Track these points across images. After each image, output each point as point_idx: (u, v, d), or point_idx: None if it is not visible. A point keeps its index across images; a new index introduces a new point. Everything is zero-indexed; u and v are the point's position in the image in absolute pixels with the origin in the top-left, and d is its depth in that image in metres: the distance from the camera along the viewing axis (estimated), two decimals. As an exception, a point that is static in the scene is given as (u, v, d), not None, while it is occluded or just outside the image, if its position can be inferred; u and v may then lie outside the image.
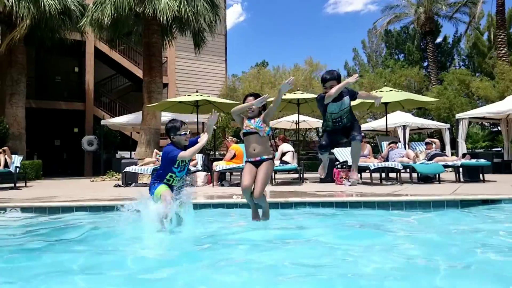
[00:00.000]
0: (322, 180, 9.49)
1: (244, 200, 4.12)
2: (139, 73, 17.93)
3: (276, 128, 18.76)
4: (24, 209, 5.57)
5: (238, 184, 8.60)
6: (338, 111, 4.24)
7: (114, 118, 16.94)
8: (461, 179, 8.90)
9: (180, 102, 11.25)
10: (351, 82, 4.15)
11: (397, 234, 3.62)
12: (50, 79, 19.04)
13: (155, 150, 10.72)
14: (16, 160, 10.28)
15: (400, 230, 3.84)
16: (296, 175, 10.31)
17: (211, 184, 9.09)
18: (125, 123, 15.50)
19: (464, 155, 9.66)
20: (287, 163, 9.54)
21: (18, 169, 10.10)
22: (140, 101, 14.01)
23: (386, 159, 9.20)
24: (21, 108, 14.32)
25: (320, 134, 23.34)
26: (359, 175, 9.41)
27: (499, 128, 15.96)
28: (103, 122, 16.22)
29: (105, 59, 19.17)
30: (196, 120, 11.87)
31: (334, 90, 4.08)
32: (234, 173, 10.09)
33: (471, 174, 8.91)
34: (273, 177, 9.35)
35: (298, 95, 10.61)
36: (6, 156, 9.79)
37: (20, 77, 14.29)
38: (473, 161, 8.90)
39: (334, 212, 4.83)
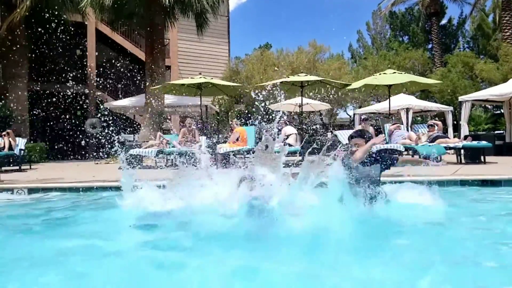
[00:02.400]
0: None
1: None
2: (141, 55, 17.86)
3: (278, 111, 18.74)
4: (31, 190, 5.70)
5: (241, 167, 8.68)
6: (360, 177, 3.62)
7: (117, 101, 16.96)
8: (463, 161, 8.96)
9: (183, 84, 11.25)
10: (377, 143, 3.62)
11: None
12: (52, 62, 18.99)
13: (159, 133, 10.79)
14: (20, 143, 10.36)
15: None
16: (299, 158, 10.37)
17: (215, 166, 9.16)
18: (128, 106, 15.53)
19: (465, 137, 9.69)
20: (290, 145, 9.59)
21: (22, 151, 10.20)
22: (143, 83, 14.01)
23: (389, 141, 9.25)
24: (23, 91, 14.35)
25: (322, 118, 23.33)
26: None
27: (502, 110, 15.92)
28: (106, 105, 16.25)
29: (107, 41, 19.07)
30: (199, 103, 11.89)
31: (359, 155, 3.50)
32: (237, 156, 10.13)
33: (473, 156, 8.96)
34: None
35: (302, 77, 10.59)
36: (10, 139, 9.86)
37: (21, 59, 14.27)
38: (475, 143, 8.94)
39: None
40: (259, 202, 3.32)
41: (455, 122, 16.25)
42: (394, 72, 10.54)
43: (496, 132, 17.57)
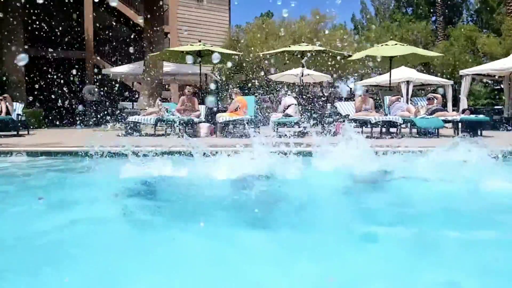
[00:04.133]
0: (324, 134, 9.64)
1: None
2: (140, 21, 17.51)
3: (280, 82, 18.63)
4: (29, 154, 5.75)
5: (241, 136, 8.75)
6: None
7: (115, 67, 16.76)
8: (460, 134, 9.03)
9: (182, 51, 11.10)
10: None
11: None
12: (48, 26, 18.61)
13: (158, 100, 10.77)
14: (18, 108, 10.32)
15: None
16: (299, 129, 10.40)
17: (214, 135, 9.22)
18: (126, 73, 15.37)
19: (464, 111, 9.73)
20: (290, 116, 9.60)
21: (20, 116, 10.16)
22: (142, 50, 13.82)
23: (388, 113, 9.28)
24: (19, 56, 14.14)
25: (323, 89, 23.23)
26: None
27: (502, 86, 15.87)
28: (104, 71, 16.08)
29: (105, 6, 18.64)
30: (198, 71, 11.77)
31: None
32: (237, 125, 10.12)
33: (470, 130, 9.03)
34: (275, 129, 9.47)
35: (303, 47, 10.45)
36: (7, 103, 9.81)
37: (17, 24, 13.98)
38: (472, 116, 9.00)
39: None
40: None
41: (457, 97, 16.20)
42: (396, 44, 10.44)
43: (495, 107, 17.56)
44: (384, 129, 9.32)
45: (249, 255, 1.99)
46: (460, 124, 9.07)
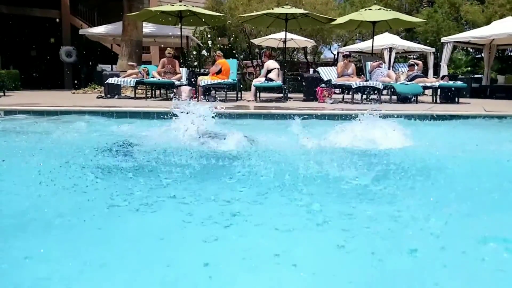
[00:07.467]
0: (305, 99, 9.73)
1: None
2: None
3: (262, 48, 18.38)
4: (7, 113, 5.66)
5: (223, 100, 8.72)
6: None
7: (93, 28, 16.15)
8: (438, 101, 9.23)
9: (162, 12, 10.76)
10: None
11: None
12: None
13: (129, 63, 10.68)
14: (-7, 68, 9.98)
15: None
16: (281, 94, 10.41)
17: (196, 99, 9.15)
18: (104, 34, 14.85)
19: (443, 77, 9.90)
20: (272, 80, 9.57)
21: (-5, 77, 9.86)
22: (120, 10, 13.31)
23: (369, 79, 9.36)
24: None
25: (306, 54, 23.07)
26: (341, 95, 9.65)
27: (482, 54, 16.08)
28: (81, 31, 15.49)
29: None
30: (179, 33, 11.48)
31: None
32: (219, 89, 10.05)
33: (448, 96, 9.23)
34: (258, 94, 9.45)
35: (287, 9, 10.26)
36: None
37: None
38: (451, 83, 9.17)
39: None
40: None
41: (439, 65, 16.39)
42: (380, 9, 10.36)
43: (474, 75, 17.85)
44: (365, 95, 9.44)
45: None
46: (438, 90, 9.24)
